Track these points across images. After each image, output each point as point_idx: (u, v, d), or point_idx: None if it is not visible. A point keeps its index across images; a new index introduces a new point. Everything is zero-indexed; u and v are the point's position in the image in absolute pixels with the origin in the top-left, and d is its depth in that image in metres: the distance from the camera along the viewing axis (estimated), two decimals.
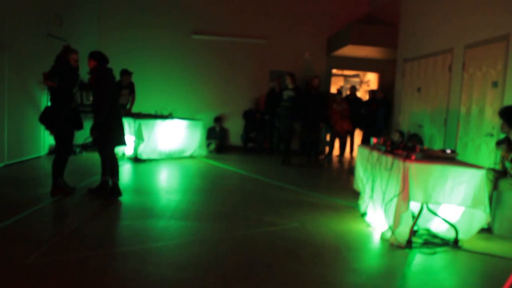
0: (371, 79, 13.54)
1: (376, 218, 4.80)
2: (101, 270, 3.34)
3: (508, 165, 4.82)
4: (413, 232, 4.27)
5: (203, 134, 9.74)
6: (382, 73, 11.25)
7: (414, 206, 4.36)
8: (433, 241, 4.38)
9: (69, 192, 5.47)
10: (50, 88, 5.38)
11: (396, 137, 7.21)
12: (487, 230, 4.73)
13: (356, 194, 5.69)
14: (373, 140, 5.21)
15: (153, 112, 9.08)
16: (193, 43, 10.93)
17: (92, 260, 3.50)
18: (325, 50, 11.17)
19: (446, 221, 4.38)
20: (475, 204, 4.11)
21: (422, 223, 4.65)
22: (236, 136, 11.08)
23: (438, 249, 4.18)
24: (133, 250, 3.77)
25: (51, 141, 7.99)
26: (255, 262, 3.65)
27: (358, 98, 11.16)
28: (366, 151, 5.22)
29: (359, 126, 10.55)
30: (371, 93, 10.71)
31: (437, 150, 4.84)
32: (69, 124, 5.42)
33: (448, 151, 4.55)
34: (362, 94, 14.28)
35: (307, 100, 9.05)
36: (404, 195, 4.08)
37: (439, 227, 4.55)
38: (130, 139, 7.93)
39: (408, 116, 8.72)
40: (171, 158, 8.84)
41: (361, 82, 15.11)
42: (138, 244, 3.92)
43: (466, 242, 4.33)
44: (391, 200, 4.30)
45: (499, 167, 5.09)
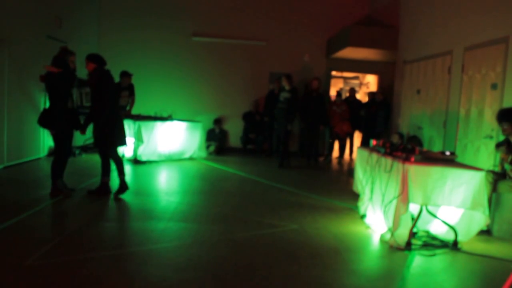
0: (371, 81, 13.56)
1: (375, 220, 4.80)
2: (101, 271, 3.34)
3: (508, 167, 4.83)
4: (412, 234, 4.28)
5: (202, 136, 9.74)
6: (381, 75, 11.25)
7: (414, 208, 4.36)
8: (432, 243, 4.38)
9: (69, 194, 5.48)
10: (48, 89, 5.40)
11: (395, 139, 7.22)
12: (486, 232, 4.74)
13: (355, 196, 5.70)
14: (373, 142, 5.22)
15: (152, 114, 9.08)
16: (193, 45, 10.95)
17: (91, 261, 3.51)
18: (324, 52, 11.18)
19: (445, 223, 4.38)
20: (474, 206, 4.12)
21: (421, 225, 4.66)
22: (235, 138, 11.08)
23: (438, 251, 4.18)
24: (132, 252, 3.77)
25: (51, 142, 8.01)
26: (255, 264, 3.66)
27: (358, 100, 11.17)
28: (365, 153, 5.23)
29: (359, 128, 10.55)
30: (371, 95, 10.72)
31: (436, 152, 4.85)
32: (67, 124, 5.43)
33: (448, 153, 4.56)
34: (361, 96, 14.30)
35: (308, 102, 9.03)
36: (404, 197, 4.09)
37: (438, 229, 4.56)
38: (129, 141, 7.93)
39: (407, 118, 8.74)
40: (170, 160, 8.84)
41: (361, 84, 15.12)
42: (138, 246, 3.93)
43: (466, 244, 4.34)
44: (390, 202, 4.31)
45: (498, 169, 5.09)
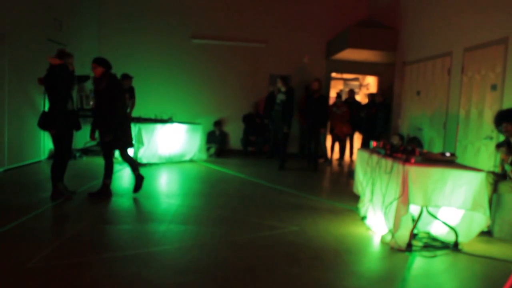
0: (371, 83, 13.56)
1: (376, 222, 4.80)
2: (101, 274, 3.34)
3: (508, 168, 4.83)
4: (413, 235, 4.28)
5: (203, 138, 9.74)
6: (381, 77, 11.26)
7: (414, 209, 4.37)
8: (433, 244, 4.38)
9: (70, 197, 5.48)
10: (47, 90, 5.41)
11: (395, 140, 7.22)
12: (487, 233, 4.73)
13: (355, 198, 5.70)
14: (373, 144, 5.22)
15: (153, 116, 9.09)
16: (193, 47, 10.96)
17: (92, 264, 3.51)
18: (324, 54, 11.19)
19: (446, 224, 4.38)
20: (475, 207, 4.11)
21: (422, 226, 4.66)
22: (236, 140, 11.09)
23: (438, 252, 4.18)
24: (133, 254, 3.77)
25: (51, 145, 8.00)
26: (255, 266, 3.66)
27: (357, 101, 11.18)
28: (365, 154, 5.23)
29: (359, 129, 10.56)
30: (371, 96, 10.72)
31: (436, 153, 4.86)
32: (67, 125, 5.42)
33: (448, 154, 4.56)
34: (361, 97, 14.30)
35: (309, 104, 9.01)
36: (404, 198, 4.09)
37: (439, 230, 4.55)
38: None
39: (407, 119, 8.74)
40: (171, 162, 8.84)
41: (361, 86, 15.12)
42: (139, 248, 3.93)
43: (466, 245, 4.33)
44: (391, 203, 4.31)
45: (498, 170, 5.10)
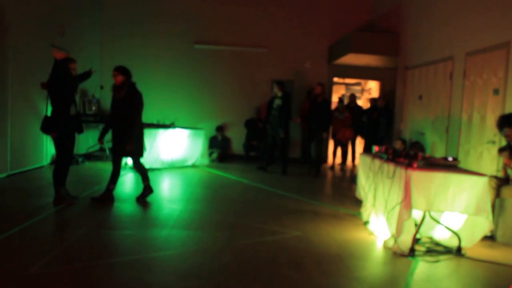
0: (373, 87, 13.57)
1: (378, 226, 4.79)
2: (104, 279, 3.34)
3: (511, 172, 4.82)
4: (415, 240, 4.26)
5: (205, 143, 9.75)
6: (383, 81, 11.26)
7: (417, 214, 4.36)
8: (436, 249, 4.37)
9: (72, 202, 5.49)
10: (50, 94, 5.43)
11: (398, 145, 7.21)
12: (490, 238, 4.72)
13: (358, 202, 5.69)
14: (375, 148, 5.22)
15: (155, 122, 9.10)
16: (195, 53, 10.99)
17: (95, 269, 3.51)
18: (326, 59, 11.20)
19: (448, 229, 4.37)
20: (477, 211, 4.10)
21: (424, 231, 4.65)
22: (238, 145, 11.08)
23: (441, 257, 4.17)
24: (136, 260, 3.77)
25: (54, 150, 8.02)
26: (258, 271, 3.65)
27: (359, 106, 11.18)
28: (368, 159, 5.23)
29: (361, 134, 10.55)
30: (373, 101, 10.72)
31: (439, 157, 4.85)
32: (69, 128, 5.42)
33: (450, 158, 4.55)
34: (363, 102, 14.31)
35: (313, 108, 9.00)
36: (407, 203, 4.08)
37: (442, 235, 4.54)
38: None
39: (409, 124, 8.73)
40: (173, 167, 8.85)
41: (363, 90, 15.14)
42: (141, 254, 3.92)
43: (469, 250, 4.32)
44: (393, 208, 4.30)
45: (501, 174, 5.08)
